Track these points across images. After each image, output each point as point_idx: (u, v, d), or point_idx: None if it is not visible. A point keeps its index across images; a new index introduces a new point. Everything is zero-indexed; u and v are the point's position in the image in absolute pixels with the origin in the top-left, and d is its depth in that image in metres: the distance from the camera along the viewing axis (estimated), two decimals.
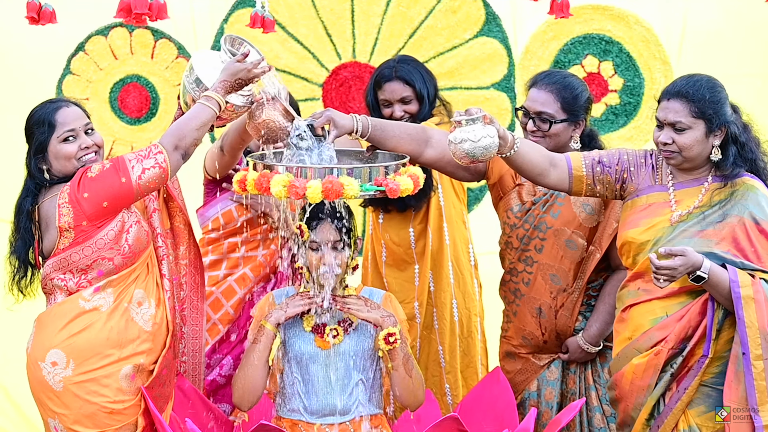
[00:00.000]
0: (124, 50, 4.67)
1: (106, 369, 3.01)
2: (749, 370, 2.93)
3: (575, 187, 3.20)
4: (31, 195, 3.02)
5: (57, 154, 3.02)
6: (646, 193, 3.16)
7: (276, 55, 4.58)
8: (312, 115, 3.16)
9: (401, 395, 3.21)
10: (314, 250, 3.19)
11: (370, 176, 2.97)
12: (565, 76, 3.51)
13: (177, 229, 3.35)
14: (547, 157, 3.18)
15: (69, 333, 2.99)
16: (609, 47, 4.51)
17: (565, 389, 3.62)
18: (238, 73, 3.07)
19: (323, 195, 2.88)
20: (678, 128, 3.03)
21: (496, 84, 4.55)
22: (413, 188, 3.05)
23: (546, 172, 3.18)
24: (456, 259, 4.04)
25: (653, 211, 3.13)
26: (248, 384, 3.17)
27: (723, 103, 3.04)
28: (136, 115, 4.72)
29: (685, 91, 3.03)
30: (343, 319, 3.25)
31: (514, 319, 3.67)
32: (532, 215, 3.55)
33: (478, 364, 4.06)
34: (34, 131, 3.03)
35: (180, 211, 3.34)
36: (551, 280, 3.54)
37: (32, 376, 3.04)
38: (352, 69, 4.63)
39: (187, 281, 3.38)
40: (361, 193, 2.93)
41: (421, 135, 3.32)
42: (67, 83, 4.67)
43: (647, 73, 4.48)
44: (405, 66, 3.91)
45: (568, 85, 3.47)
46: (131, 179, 2.95)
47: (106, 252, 3.00)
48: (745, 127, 3.09)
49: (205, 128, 3.03)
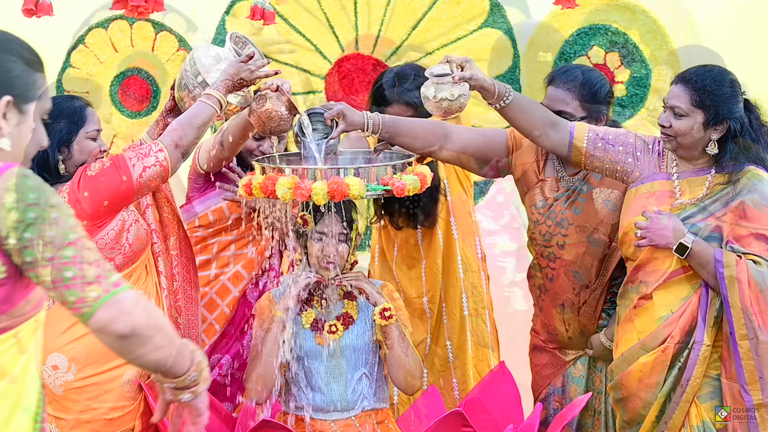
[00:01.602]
0: (124, 43, 4.63)
1: (108, 374, 2.99)
2: (736, 350, 2.95)
3: (574, 157, 3.20)
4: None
5: (84, 148, 3.02)
6: (650, 181, 3.15)
7: (278, 48, 4.54)
8: (325, 104, 3.17)
9: (397, 376, 3.21)
10: (317, 241, 3.19)
11: (377, 176, 3.00)
12: (583, 72, 3.48)
13: (166, 220, 3.32)
14: (547, 119, 3.20)
15: (71, 337, 2.96)
16: (615, 38, 4.47)
17: (591, 387, 3.61)
18: (240, 73, 3.06)
19: (329, 196, 2.90)
20: (677, 113, 3.05)
21: (500, 76, 4.51)
22: (420, 187, 3.04)
23: (545, 134, 3.19)
24: (464, 252, 4.03)
25: (657, 199, 3.12)
26: (264, 375, 3.16)
27: (728, 98, 3.02)
28: (137, 109, 4.70)
29: (691, 79, 3.06)
30: (342, 315, 3.25)
31: (540, 314, 3.67)
32: (554, 211, 3.53)
33: (490, 357, 4.05)
34: (59, 121, 3.00)
35: (167, 201, 3.32)
36: (574, 276, 3.53)
37: None
38: (355, 61, 4.60)
39: (179, 272, 3.36)
40: (368, 193, 2.94)
41: (439, 130, 3.30)
42: (67, 76, 4.63)
43: (654, 64, 4.43)
44: (406, 86, 3.80)
45: (586, 81, 3.44)
46: (132, 177, 2.93)
47: (107, 252, 2.97)
48: (759, 128, 3.07)
49: (205, 127, 3.02)
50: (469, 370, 4.03)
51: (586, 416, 3.63)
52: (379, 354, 3.29)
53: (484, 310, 4.07)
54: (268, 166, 3.06)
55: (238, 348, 3.82)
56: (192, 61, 3.12)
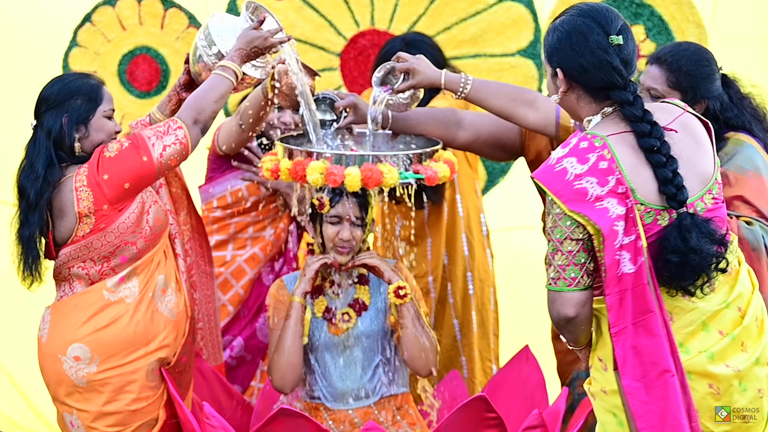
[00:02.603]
0: (132, 20, 4.59)
1: (132, 365, 2.92)
2: None
3: (563, 137, 3.11)
4: (56, 167, 2.86)
5: (101, 127, 2.93)
6: None
7: (291, 24, 4.49)
8: (338, 92, 3.16)
9: (411, 357, 3.17)
10: (333, 224, 3.17)
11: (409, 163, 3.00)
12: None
13: (175, 195, 3.26)
14: (522, 99, 3.08)
15: (94, 327, 2.89)
16: (640, 10, 4.37)
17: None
18: (254, 41, 3.00)
19: (363, 183, 2.91)
20: (653, 95, 2.95)
21: (521, 51, 4.46)
22: (450, 174, 3.05)
23: (519, 115, 3.09)
24: (469, 230, 4.00)
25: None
26: (289, 363, 3.13)
27: (705, 77, 2.94)
28: (146, 89, 4.65)
29: (666, 59, 2.96)
30: (354, 302, 3.23)
31: None
32: None
33: (490, 335, 4.03)
34: (76, 99, 2.90)
35: (176, 176, 3.26)
36: None
37: (50, 369, 2.93)
38: (371, 37, 4.53)
39: (191, 246, 3.31)
40: (401, 181, 2.94)
41: (450, 118, 3.24)
42: (73, 56, 4.59)
43: (680, 36, 4.34)
44: (412, 51, 3.77)
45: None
46: (153, 157, 2.85)
47: (129, 236, 2.90)
48: (740, 101, 2.98)
49: (223, 100, 2.96)
50: (475, 350, 4.00)
51: None
52: (395, 338, 3.26)
53: (489, 288, 4.05)
54: (296, 149, 3.03)
55: (251, 330, 3.80)
56: (207, 32, 3.06)
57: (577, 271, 2.27)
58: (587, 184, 2.22)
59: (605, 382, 2.33)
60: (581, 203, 2.22)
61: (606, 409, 2.34)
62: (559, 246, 2.28)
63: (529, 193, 3.65)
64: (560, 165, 2.26)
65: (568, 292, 2.28)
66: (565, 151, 2.27)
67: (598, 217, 2.21)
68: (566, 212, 2.24)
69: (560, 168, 2.25)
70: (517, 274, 4.62)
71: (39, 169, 2.85)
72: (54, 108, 2.89)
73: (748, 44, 4.43)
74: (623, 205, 2.21)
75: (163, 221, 3.01)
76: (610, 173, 2.22)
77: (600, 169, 2.23)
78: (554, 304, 2.31)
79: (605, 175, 2.22)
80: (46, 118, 2.89)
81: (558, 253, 2.28)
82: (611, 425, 2.34)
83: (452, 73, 3.08)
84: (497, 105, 3.07)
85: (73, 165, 2.90)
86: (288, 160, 3.03)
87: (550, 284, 2.30)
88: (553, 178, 2.25)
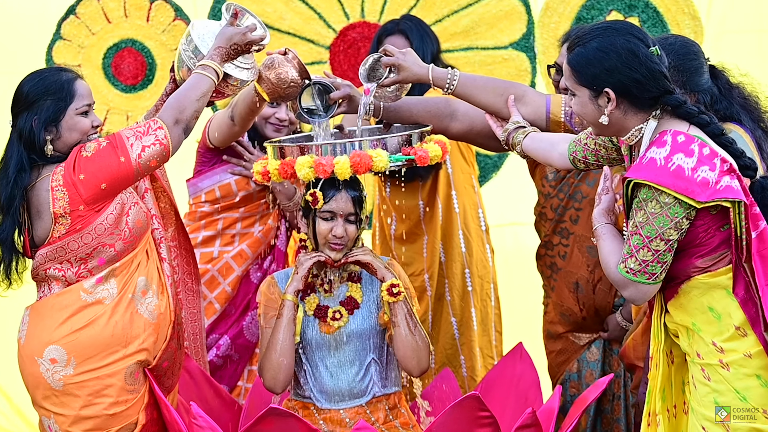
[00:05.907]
0: (117, 13, 4.59)
1: (110, 367, 2.88)
2: None
3: (553, 130, 3.12)
4: (27, 171, 2.83)
5: (74, 126, 2.87)
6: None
7: (280, 16, 4.51)
8: (333, 81, 3.14)
9: (403, 357, 3.15)
10: (326, 220, 3.14)
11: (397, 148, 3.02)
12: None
13: (163, 210, 3.24)
14: (508, 93, 3.09)
15: (71, 328, 2.85)
16: (634, 2, 4.42)
17: (607, 371, 3.59)
18: (232, 38, 2.97)
19: (352, 169, 2.92)
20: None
21: (514, 43, 4.49)
22: (442, 155, 3.05)
23: (508, 110, 3.10)
24: (466, 226, 4.00)
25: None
26: (281, 362, 3.11)
27: (693, 71, 2.93)
28: (132, 83, 4.66)
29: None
30: (346, 299, 3.21)
31: (552, 294, 3.65)
32: (567, 184, 3.51)
33: (492, 332, 4.04)
34: (46, 99, 2.85)
35: (164, 192, 3.24)
36: (588, 252, 3.49)
37: (27, 372, 2.89)
38: (361, 29, 4.56)
39: (178, 263, 3.30)
40: (391, 165, 2.94)
41: (444, 109, 3.23)
42: (57, 49, 4.59)
43: (675, 28, 4.36)
44: (408, 23, 3.98)
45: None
46: (131, 158, 2.81)
47: (106, 238, 2.86)
48: (730, 91, 2.97)
49: (205, 99, 2.92)
50: (475, 348, 4.00)
51: (605, 401, 3.61)
52: (387, 337, 3.24)
53: (489, 284, 4.05)
54: (287, 146, 3.03)
55: (238, 329, 3.77)
56: (190, 38, 3.06)
57: (659, 268, 2.44)
58: (704, 174, 2.37)
59: (747, 347, 2.43)
60: (711, 191, 2.36)
61: (747, 375, 2.45)
62: (648, 243, 2.42)
63: (522, 189, 3.66)
64: (672, 164, 2.38)
65: (647, 284, 2.46)
66: (668, 149, 2.39)
67: (733, 194, 2.37)
68: (696, 206, 2.36)
69: (674, 167, 2.38)
70: (510, 271, 4.63)
71: (10, 173, 2.82)
72: (26, 109, 2.85)
73: (744, 36, 4.47)
74: (735, 177, 2.40)
75: (143, 223, 2.97)
76: (714, 156, 2.39)
77: (706, 156, 2.38)
78: (626, 289, 2.49)
79: (711, 159, 2.39)
80: (19, 119, 2.86)
81: (645, 248, 2.43)
82: (755, 389, 2.44)
83: (439, 69, 3.08)
84: (485, 100, 3.09)
85: (50, 164, 2.85)
86: (276, 161, 3.02)
87: (627, 272, 2.45)
88: (672, 177, 2.37)
